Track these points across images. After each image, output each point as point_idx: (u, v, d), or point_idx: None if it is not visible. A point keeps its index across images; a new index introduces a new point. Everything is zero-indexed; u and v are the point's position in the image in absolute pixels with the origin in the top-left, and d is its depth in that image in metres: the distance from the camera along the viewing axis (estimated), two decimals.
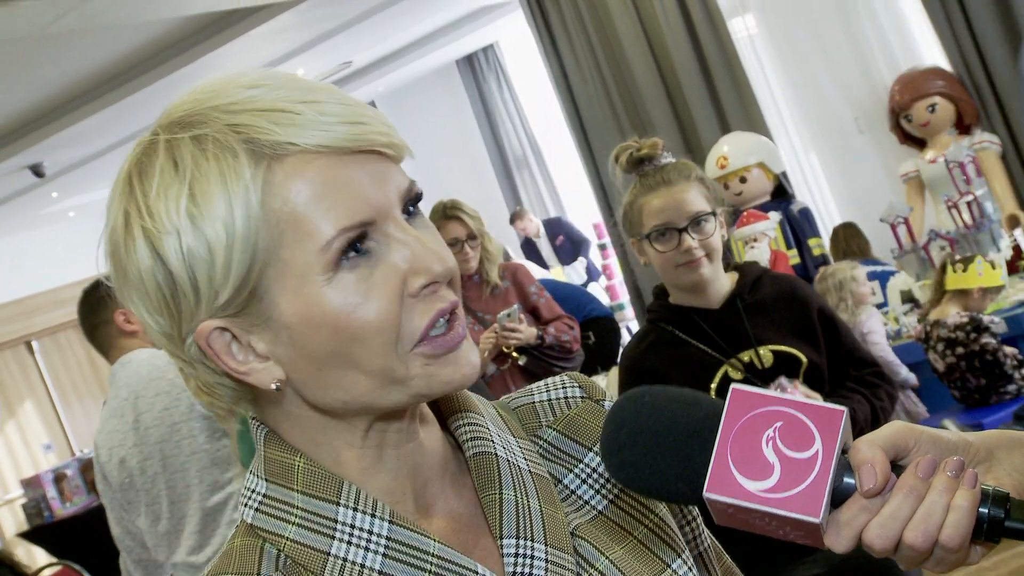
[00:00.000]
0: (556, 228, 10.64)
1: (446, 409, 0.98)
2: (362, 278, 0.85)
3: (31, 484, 8.34)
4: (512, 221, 10.85)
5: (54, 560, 6.68)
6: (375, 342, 0.85)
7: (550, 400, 1.03)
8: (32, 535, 8.14)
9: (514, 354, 4.15)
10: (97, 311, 3.15)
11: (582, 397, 1.04)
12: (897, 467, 0.82)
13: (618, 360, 6.30)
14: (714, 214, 2.52)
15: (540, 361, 4.19)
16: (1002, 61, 6.32)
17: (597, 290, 10.00)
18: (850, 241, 6.42)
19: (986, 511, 0.80)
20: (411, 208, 0.89)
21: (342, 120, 0.84)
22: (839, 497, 0.81)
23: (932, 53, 6.87)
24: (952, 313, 4.69)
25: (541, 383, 1.05)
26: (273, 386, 0.87)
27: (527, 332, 4.12)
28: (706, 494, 0.81)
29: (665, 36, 7.20)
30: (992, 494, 0.80)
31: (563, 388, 1.04)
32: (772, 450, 0.80)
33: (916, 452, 0.82)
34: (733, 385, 0.83)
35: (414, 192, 0.89)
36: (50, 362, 11.98)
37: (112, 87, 7.95)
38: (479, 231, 4.17)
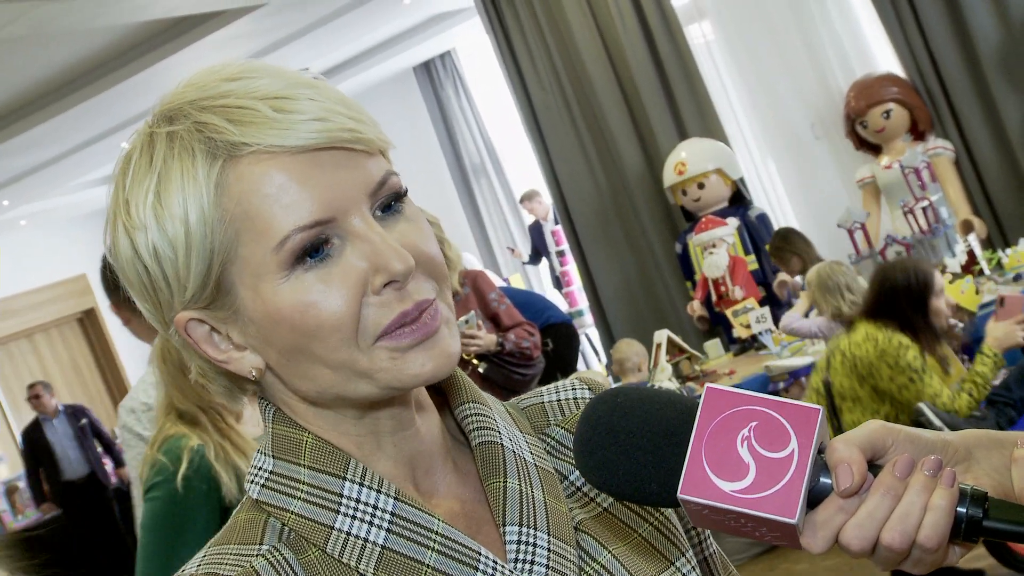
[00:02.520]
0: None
1: (453, 399, 0.98)
2: (321, 277, 0.84)
3: None
4: (521, 201, 10.82)
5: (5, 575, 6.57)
6: (332, 338, 0.84)
7: (559, 400, 1.05)
8: None
9: (474, 361, 4.12)
10: None
11: (591, 399, 1.03)
12: (874, 467, 0.81)
13: (577, 367, 6.28)
14: None
15: (500, 368, 4.17)
16: (954, 67, 6.39)
17: (555, 296, 10.01)
18: (792, 247, 6.15)
19: (964, 511, 0.79)
20: (393, 203, 0.88)
21: (305, 118, 0.84)
22: (816, 497, 0.80)
23: (886, 59, 6.93)
24: None
25: (551, 385, 1.07)
26: (251, 374, 0.89)
27: (486, 339, 4.09)
28: (680, 495, 0.79)
29: (622, 43, 7.22)
30: (970, 493, 0.79)
31: (573, 390, 1.05)
32: (747, 450, 0.79)
33: (893, 451, 0.81)
34: (708, 384, 0.82)
35: (389, 183, 0.88)
36: (1, 372, 11.78)
37: (62, 95, 7.85)
38: (439, 237, 4.15)
